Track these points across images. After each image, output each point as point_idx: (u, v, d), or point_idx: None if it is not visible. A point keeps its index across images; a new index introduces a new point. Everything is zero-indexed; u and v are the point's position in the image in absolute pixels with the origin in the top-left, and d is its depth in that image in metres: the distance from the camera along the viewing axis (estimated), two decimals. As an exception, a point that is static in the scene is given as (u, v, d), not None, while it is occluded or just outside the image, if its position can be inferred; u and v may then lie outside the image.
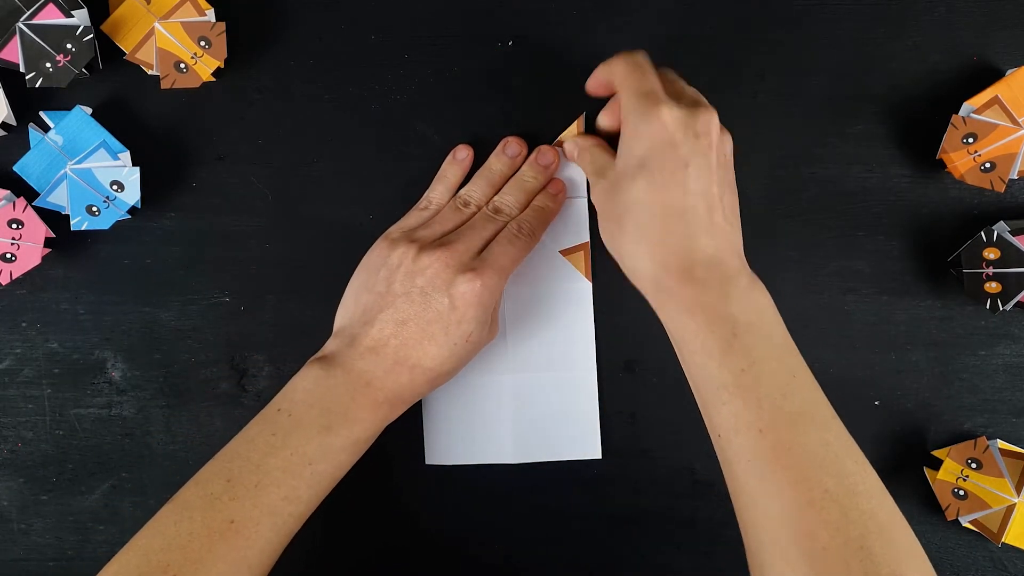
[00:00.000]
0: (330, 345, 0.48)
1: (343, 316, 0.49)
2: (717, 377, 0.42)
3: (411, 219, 0.51)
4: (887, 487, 0.53)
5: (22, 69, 0.50)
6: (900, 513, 0.41)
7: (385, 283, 0.47)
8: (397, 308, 0.46)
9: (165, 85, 0.51)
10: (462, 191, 0.51)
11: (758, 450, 0.41)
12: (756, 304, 0.44)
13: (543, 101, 0.53)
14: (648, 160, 0.43)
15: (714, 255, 0.43)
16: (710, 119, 0.44)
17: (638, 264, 0.45)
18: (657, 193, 0.43)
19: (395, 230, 0.50)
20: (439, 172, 0.52)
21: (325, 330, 0.53)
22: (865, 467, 0.42)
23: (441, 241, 0.47)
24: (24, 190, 0.52)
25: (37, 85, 0.50)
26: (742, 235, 0.46)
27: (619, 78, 0.46)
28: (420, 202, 0.52)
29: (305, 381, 0.46)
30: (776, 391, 0.42)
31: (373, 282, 0.48)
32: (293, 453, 0.44)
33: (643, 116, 0.43)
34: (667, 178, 0.43)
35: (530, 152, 0.52)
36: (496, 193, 0.51)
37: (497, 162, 0.52)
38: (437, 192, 0.52)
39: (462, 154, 0.52)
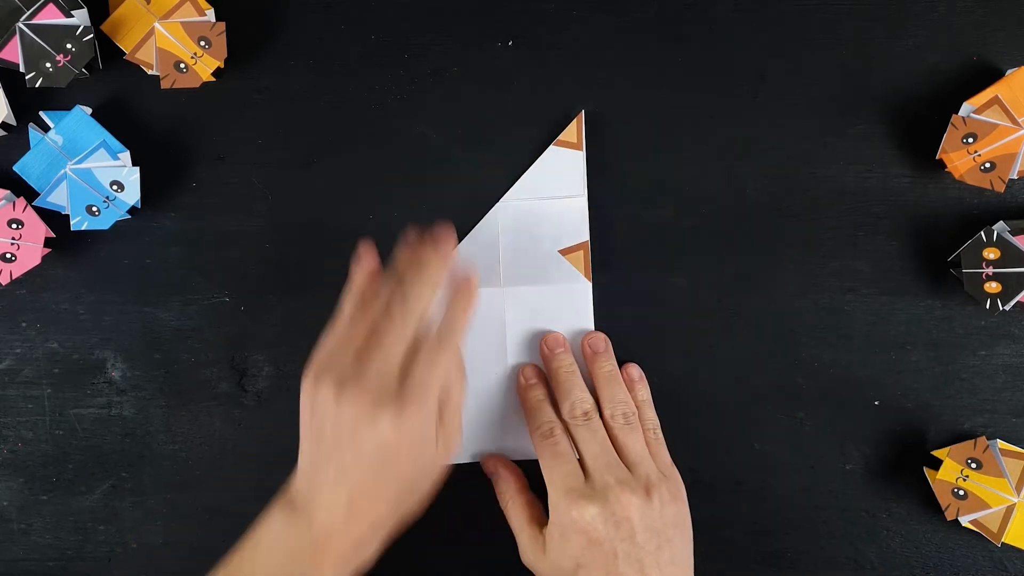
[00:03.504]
0: (295, 483, 0.45)
1: (301, 453, 0.45)
2: None
3: (329, 341, 0.46)
4: (887, 487, 0.53)
5: (22, 69, 0.50)
6: None
7: (317, 428, 0.43)
8: (334, 461, 0.43)
9: (165, 85, 0.51)
10: (368, 289, 0.47)
11: None
12: None
13: (543, 101, 0.53)
14: (582, 560, 0.46)
15: None
16: (628, 501, 0.46)
17: None
18: None
19: (316, 359, 0.45)
20: (351, 277, 0.48)
21: (325, 330, 0.53)
22: None
23: (355, 375, 0.43)
24: (24, 190, 0.52)
25: (37, 85, 0.50)
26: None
27: (544, 470, 0.48)
28: (336, 316, 0.47)
29: (270, 533, 0.44)
30: None
31: (309, 427, 0.44)
32: None
33: (567, 515, 0.46)
34: (603, 572, 0.45)
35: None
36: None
37: (402, 253, 0.47)
38: (348, 303, 0.47)
39: (363, 256, 0.48)
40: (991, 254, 0.50)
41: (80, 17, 0.50)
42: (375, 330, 0.44)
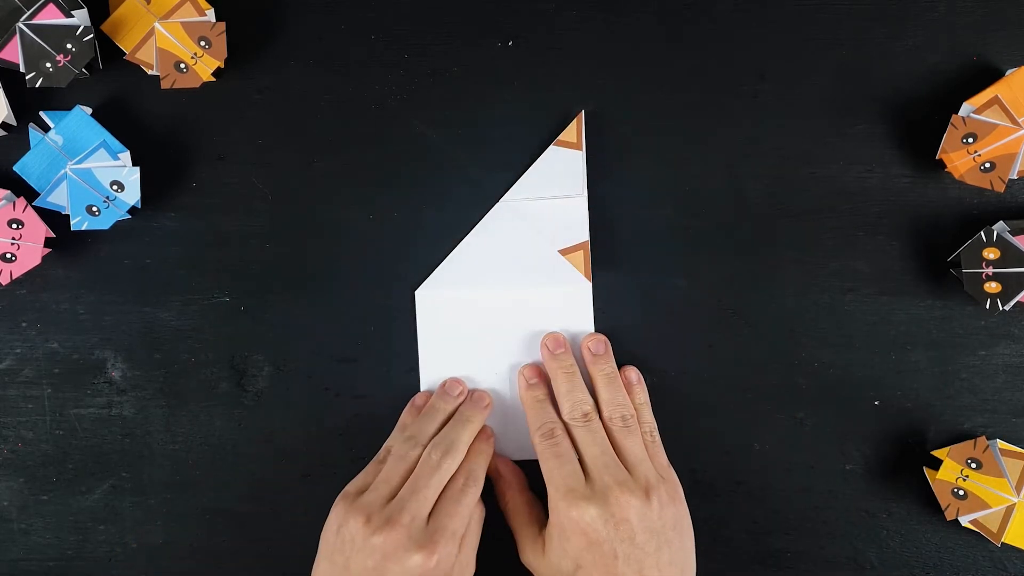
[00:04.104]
0: None
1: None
2: None
3: (369, 473, 0.49)
4: (887, 487, 0.53)
5: (22, 69, 0.50)
6: None
7: (342, 558, 0.46)
8: None
9: (165, 85, 0.51)
10: (409, 430, 0.50)
11: None
12: None
13: (543, 101, 0.54)
14: (581, 561, 0.46)
15: None
16: (628, 503, 0.46)
17: None
18: None
19: (351, 491, 0.48)
20: (400, 420, 0.52)
21: (325, 330, 0.53)
22: None
23: (388, 514, 0.45)
24: (24, 190, 0.52)
25: (37, 85, 0.50)
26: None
27: (544, 471, 0.48)
28: (380, 452, 0.51)
29: None
30: None
31: (332, 553, 0.46)
32: None
33: (567, 515, 0.46)
34: (602, 573, 0.45)
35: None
36: (439, 430, 0.50)
37: (441, 401, 0.52)
38: (395, 440, 0.51)
39: (420, 400, 0.52)
40: (991, 254, 0.50)
41: (80, 17, 0.50)
42: (414, 473, 0.47)
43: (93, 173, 0.51)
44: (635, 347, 0.53)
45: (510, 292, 0.53)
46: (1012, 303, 0.50)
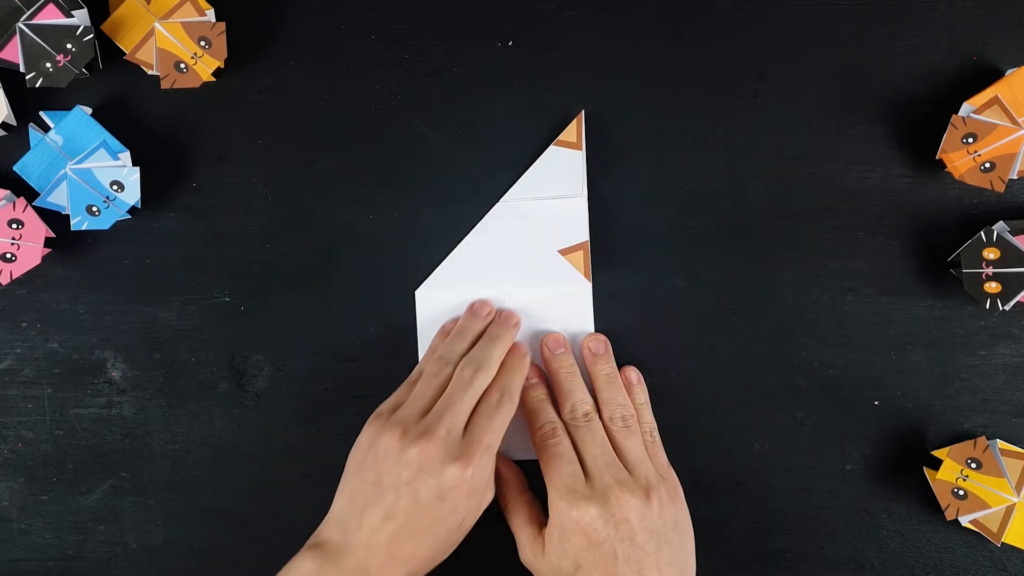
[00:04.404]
0: (324, 531, 0.46)
1: (339, 501, 0.47)
2: None
3: (401, 394, 0.50)
4: (887, 487, 0.53)
5: (22, 69, 0.50)
6: None
7: (373, 473, 0.46)
8: (386, 502, 0.45)
9: (165, 85, 0.51)
10: (440, 349, 0.51)
11: None
12: None
13: (543, 101, 0.54)
14: (581, 561, 0.46)
15: None
16: (628, 503, 0.46)
17: None
18: None
19: (384, 410, 0.48)
20: (431, 344, 0.52)
21: (325, 330, 0.53)
22: None
23: (424, 427, 0.46)
24: (24, 190, 0.52)
25: (37, 85, 0.50)
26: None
27: (544, 471, 0.48)
28: (412, 373, 0.51)
29: (299, 573, 0.45)
30: None
31: (362, 468, 0.46)
32: None
33: (567, 515, 0.46)
34: (602, 572, 0.45)
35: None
36: (470, 348, 0.50)
37: (470, 322, 0.52)
38: (426, 362, 0.51)
39: (450, 326, 0.53)
40: (991, 254, 0.50)
41: (80, 17, 0.50)
42: (447, 389, 0.48)
43: (93, 173, 0.51)
44: (635, 347, 0.53)
45: (510, 292, 0.53)
46: (1012, 303, 0.50)
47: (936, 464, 0.52)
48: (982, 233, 0.50)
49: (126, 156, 0.52)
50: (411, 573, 0.46)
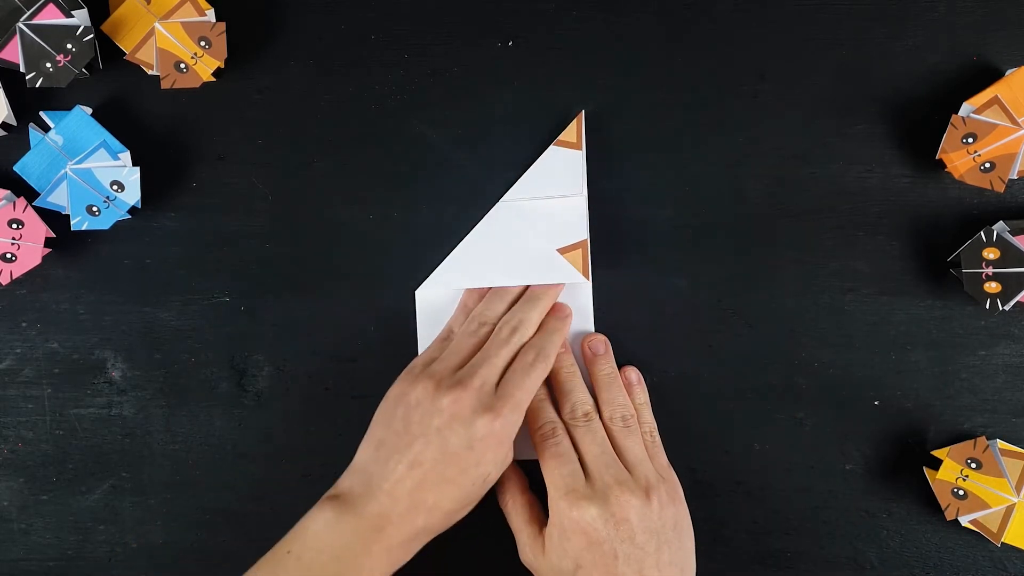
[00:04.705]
0: (345, 481, 0.47)
1: (363, 451, 0.47)
2: None
3: (433, 350, 0.50)
4: (887, 487, 0.53)
5: (22, 69, 0.50)
6: None
7: (403, 422, 0.46)
8: (414, 449, 0.45)
9: (165, 85, 0.51)
10: (477, 310, 0.51)
11: None
12: None
13: (543, 101, 0.54)
14: (581, 560, 0.46)
15: None
16: (628, 502, 0.46)
17: None
18: None
19: (416, 364, 0.49)
20: (460, 301, 0.53)
21: (325, 330, 0.53)
22: None
23: (459, 378, 0.47)
24: (24, 190, 0.52)
25: (37, 85, 0.50)
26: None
27: (545, 471, 0.48)
28: (442, 331, 0.52)
29: (316, 524, 0.45)
30: None
31: (390, 419, 0.47)
32: None
33: (567, 515, 0.46)
34: (602, 572, 0.45)
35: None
36: (508, 310, 0.51)
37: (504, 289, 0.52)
38: (457, 321, 0.52)
39: (483, 290, 0.53)
40: (991, 254, 0.50)
41: (80, 17, 0.50)
42: (484, 346, 0.48)
43: (93, 173, 0.51)
44: (635, 347, 0.53)
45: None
46: (1012, 303, 0.50)
47: (936, 464, 0.52)
48: (982, 233, 0.50)
49: (126, 156, 0.52)
50: (429, 525, 0.46)
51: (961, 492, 0.50)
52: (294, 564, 0.44)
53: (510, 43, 0.54)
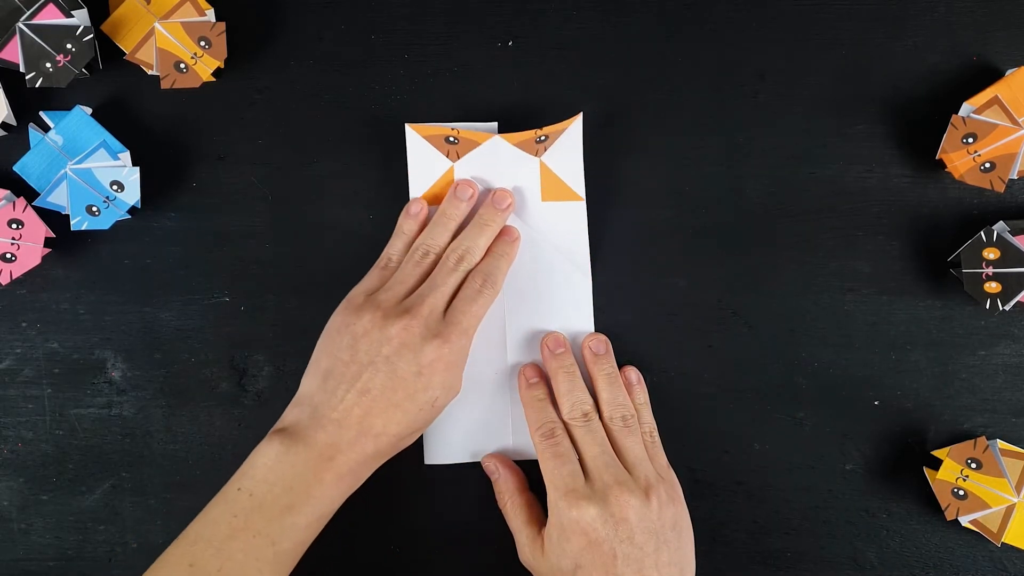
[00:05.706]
0: (290, 414, 0.47)
1: (307, 383, 0.48)
2: None
3: (372, 279, 0.50)
4: (887, 487, 0.53)
5: (22, 69, 0.50)
6: None
7: (349, 351, 0.46)
8: (363, 378, 0.46)
9: (165, 85, 0.51)
10: (419, 239, 0.51)
11: None
12: None
13: (543, 101, 0.54)
14: (581, 560, 0.46)
15: None
16: (628, 502, 0.46)
17: None
18: None
19: (358, 293, 0.49)
20: (396, 227, 0.52)
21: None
22: None
23: (406, 306, 0.47)
24: (24, 190, 0.52)
25: (37, 85, 0.50)
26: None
27: (544, 471, 0.48)
28: (380, 260, 0.51)
29: (265, 458, 0.45)
30: None
31: (337, 349, 0.47)
32: (256, 535, 0.43)
33: (567, 515, 0.46)
34: (601, 572, 0.45)
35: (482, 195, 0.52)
36: (454, 238, 0.51)
37: (452, 207, 0.51)
38: (396, 248, 0.51)
39: (415, 208, 0.52)
40: (991, 254, 0.50)
41: (80, 17, 0.50)
42: (431, 275, 0.49)
43: (93, 173, 0.51)
44: (635, 347, 0.53)
45: (510, 292, 0.53)
46: (1012, 303, 0.50)
47: (936, 464, 0.52)
48: (982, 233, 0.50)
49: (126, 156, 0.52)
50: (378, 450, 0.46)
51: (961, 492, 0.50)
52: (247, 500, 0.44)
53: (510, 43, 0.54)
